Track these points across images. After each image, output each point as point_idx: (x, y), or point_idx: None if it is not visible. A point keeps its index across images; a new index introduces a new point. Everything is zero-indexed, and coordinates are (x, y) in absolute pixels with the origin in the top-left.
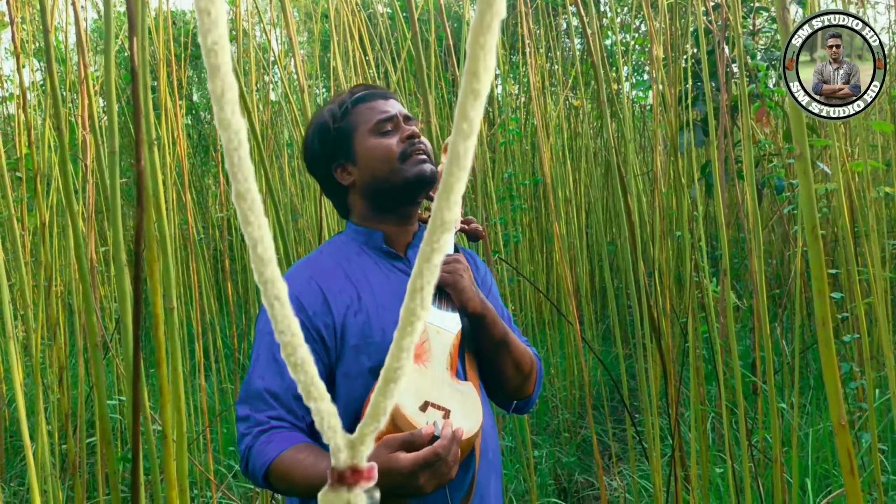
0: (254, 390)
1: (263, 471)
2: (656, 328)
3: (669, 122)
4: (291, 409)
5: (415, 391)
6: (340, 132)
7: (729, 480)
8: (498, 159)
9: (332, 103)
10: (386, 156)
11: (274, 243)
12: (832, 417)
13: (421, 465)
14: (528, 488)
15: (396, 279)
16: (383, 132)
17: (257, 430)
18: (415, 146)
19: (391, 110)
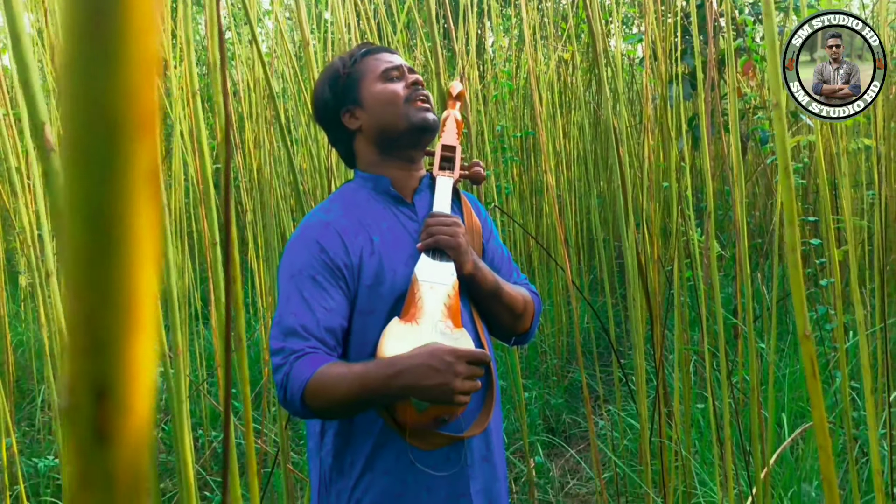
0: (286, 326)
1: (301, 391)
2: (643, 275)
3: (659, 76)
4: (324, 340)
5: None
6: (350, 78)
7: (710, 416)
8: (489, 111)
9: (341, 56)
10: (392, 99)
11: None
12: (798, 328)
13: (468, 357)
14: (518, 427)
15: (404, 223)
16: (390, 78)
17: (293, 357)
18: (419, 92)
19: (396, 61)
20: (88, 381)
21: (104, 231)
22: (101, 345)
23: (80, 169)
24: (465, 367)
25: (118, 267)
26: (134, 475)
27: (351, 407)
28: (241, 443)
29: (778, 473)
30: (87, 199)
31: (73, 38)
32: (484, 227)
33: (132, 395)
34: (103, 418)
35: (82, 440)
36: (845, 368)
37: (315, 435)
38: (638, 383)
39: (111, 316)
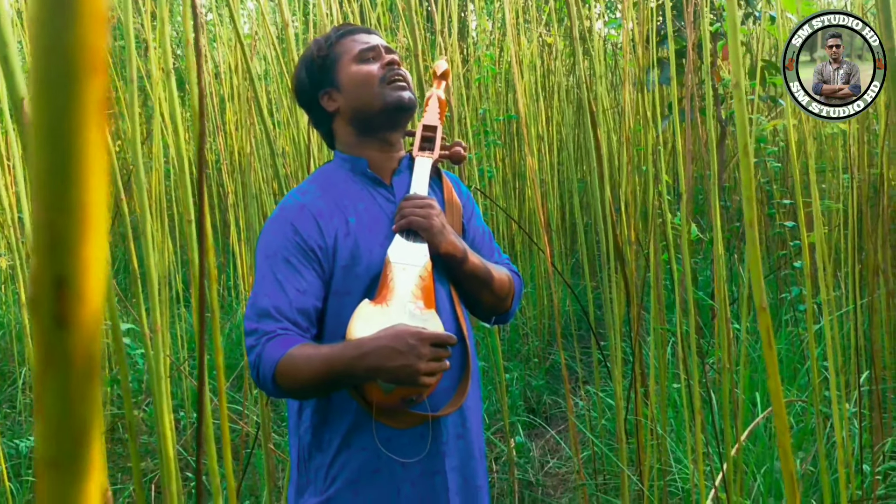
0: (260, 307)
1: (272, 372)
2: (621, 256)
3: (637, 59)
4: (297, 321)
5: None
6: (325, 61)
7: (684, 396)
8: (473, 95)
9: (318, 38)
10: (367, 80)
11: (267, 172)
12: (755, 301)
13: (433, 339)
14: (499, 408)
15: (381, 204)
16: (365, 59)
17: (265, 338)
18: (394, 72)
19: (373, 41)
20: (49, 274)
21: (63, 148)
22: (59, 243)
23: (44, 101)
24: (428, 349)
25: (74, 177)
26: (88, 355)
27: (319, 387)
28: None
29: (752, 451)
30: (49, 125)
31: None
32: (465, 206)
33: (86, 286)
34: (62, 306)
35: (44, 326)
36: (814, 348)
37: (294, 413)
38: (613, 361)
39: (68, 218)
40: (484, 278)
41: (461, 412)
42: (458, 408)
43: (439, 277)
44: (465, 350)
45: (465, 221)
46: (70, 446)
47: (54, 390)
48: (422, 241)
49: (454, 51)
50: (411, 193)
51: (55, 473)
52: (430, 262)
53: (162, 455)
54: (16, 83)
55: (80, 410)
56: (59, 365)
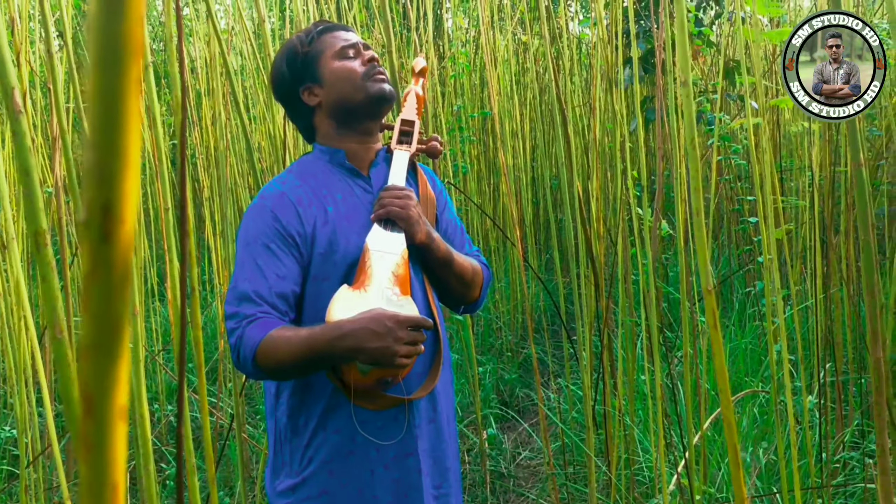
0: (240, 291)
1: (252, 354)
2: (590, 251)
3: (605, 58)
4: (276, 305)
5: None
6: (308, 56)
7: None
8: (448, 92)
9: (298, 34)
10: (350, 75)
11: (242, 166)
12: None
13: (409, 322)
14: (472, 401)
15: (359, 194)
16: (347, 56)
17: (246, 321)
18: (375, 68)
19: (352, 39)
20: (98, 200)
21: (113, 109)
22: (107, 177)
23: (100, 76)
24: (405, 332)
25: (119, 130)
26: (125, 263)
27: (299, 368)
28: (196, 416)
29: (716, 441)
30: (103, 92)
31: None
32: (438, 198)
33: (125, 210)
34: (107, 225)
35: (93, 240)
36: (772, 340)
37: (271, 395)
38: (580, 353)
39: (114, 159)
40: (455, 268)
41: (432, 397)
42: (430, 392)
43: (413, 267)
44: (437, 336)
45: (438, 213)
46: (110, 333)
47: (99, 290)
48: (399, 231)
49: (429, 47)
50: (390, 184)
51: (97, 354)
52: (406, 250)
53: (138, 447)
54: (7, 73)
55: (117, 306)
56: (104, 270)
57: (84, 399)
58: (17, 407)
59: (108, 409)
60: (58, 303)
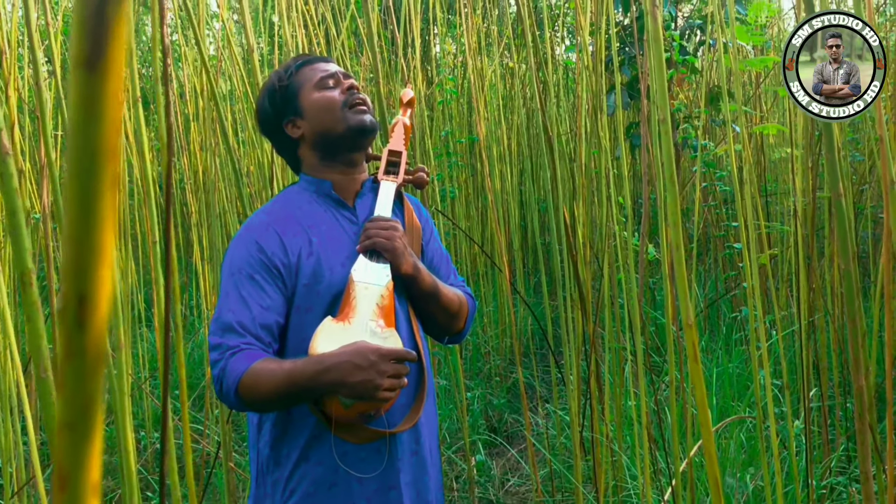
0: (224, 322)
1: (235, 386)
2: (577, 276)
3: (590, 87)
4: (259, 336)
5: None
6: (287, 90)
7: (635, 413)
8: (436, 117)
9: (277, 70)
10: (330, 105)
11: (231, 191)
12: (683, 320)
13: (393, 356)
14: (460, 427)
15: (344, 225)
16: (326, 87)
17: (229, 353)
18: (355, 96)
19: (331, 69)
20: (74, 292)
21: (87, 206)
22: (82, 271)
23: (77, 176)
24: (389, 365)
25: (93, 227)
26: (98, 349)
27: (282, 401)
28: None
29: (704, 467)
30: (80, 191)
31: (76, 110)
32: (425, 228)
33: (99, 301)
34: (81, 314)
35: (69, 328)
36: (756, 366)
37: (254, 426)
38: (568, 379)
39: (89, 254)
40: (440, 300)
41: (415, 429)
42: (414, 424)
43: (398, 298)
44: (421, 368)
45: (424, 243)
46: (83, 413)
47: (73, 373)
48: (384, 262)
49: (416, 73)
50: (376, 216)
51: (71, 433)
52: (391, 282)
53: (124, 475)
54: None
55: (91, 388)
56: (78, 355)
57: (58, 476)
58: (2, 436)
59: (81, 486)
60: (42, 342)
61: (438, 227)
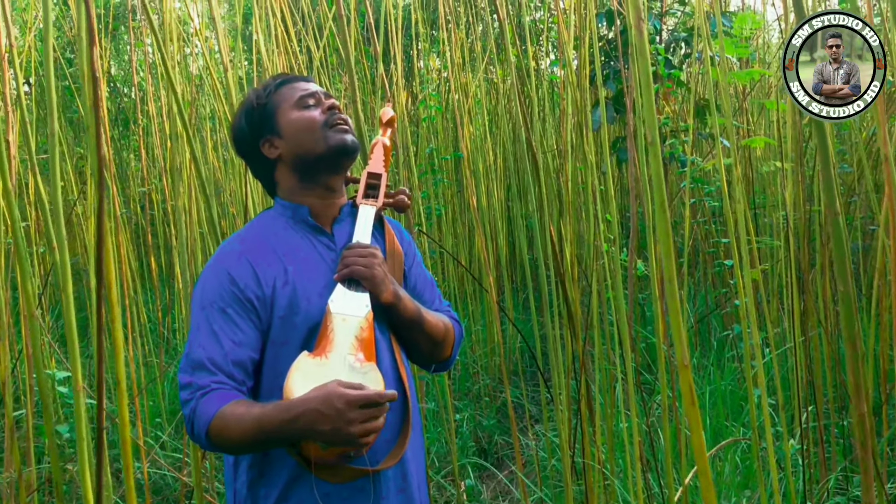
0: (194, 359)
1: (205, 429)
2: (565, 295)
3: (575, 102)
4: (232, 374)
5: (310, 386)
6: (265, 109)
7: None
8: (421, 133)
9: (256, 88)
10: (309, 125)
11: (201, 215)
12: (677, 360)
13: (361, 402)
14: (449, 450)
15: (321, 252)
16: (306, 106)
17: (199, 393)
18: (336, 116)
19: (311, 88)
20: None
21: None
22: None
23: None
24: (357, 413)
25: None
26: None
27: (253, 446)
28: (165, 474)
29: (699, 492)
30: None
31: None
32: (407, 253)
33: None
34: None
35: None
36: (752, 386)
37: (230, 465)
38: (557, 404)
39: None
40: (425, 327)
41: (402, 465)
42: (399, 460)
43: (380, 327)
44: (405, 402)
45: (406, 269)
46: None
47: None
48: (364, 291)
49: (399, 90)
50: (354, 242)
51: None
52: (371, 312)
53: None
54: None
55: None
56: None
57: None
58: None
59: None
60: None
61: (424, 248)
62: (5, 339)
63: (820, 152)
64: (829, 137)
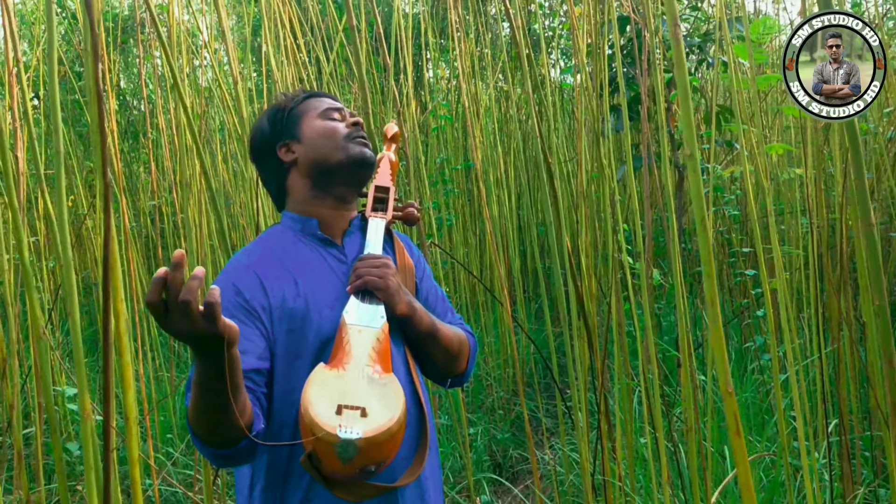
0: None
1: (189, 425)
2: (583, 307)
3: (590, 109)
4: None
5: (330, 397)
6: (291, 113)
7: (648, 452)
8: (431, 143)
9: (285, 93)
10: (332, 134)
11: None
12: (721, 387)
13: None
14: (464, 465)
15: (332, 265)
16: (331, 117)
17: None
18: (359, 131)
19: (337, 104)
20: None
21: None
22: None
23: None
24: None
25: None
26: None
27: (212, 403)
28: (177, 491)
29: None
30: None
31: None
32: (417, 266)
33: None
34: None
35: None
36: (781, 401)
37: (244, 490)
38: (576, 419)
39: None
40: (440, 340)
41: (419, 483)
42: (417, 478)
43: (395, 340)
44: (421, 417)
45: (417, 281)
46: None
47: None
48: (378, 303)
49: (409, 100)
50: (366, 253)
51: None
52: (386, 323)
53: None
54: None
55: None
56: None
57: None
58: None
59: None
60: None
61: (436, 257)
62: (14, 357)
63: (853, 162)
64: (860, 147)
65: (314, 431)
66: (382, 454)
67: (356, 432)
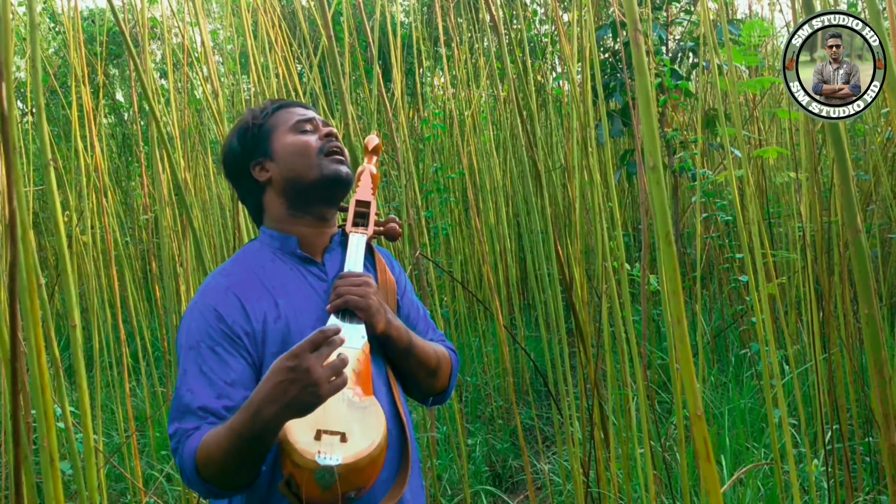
0: (184, 405)
1: (194, 466)
2: (575, 316)
3: (579, 117)
4: (225, 419)
5: (308, 423)
6: (260, 130)
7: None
8: (426, 152)
9: (252, 109)
10: (305, 150)
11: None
12: (689, 410)
13: (309, 347)
14: (462, 476)
15: (312, 283)
16: (302, 130)
17: (185, 437)
18: (332, 143)
19: (309, 114)
20: None
21: None
22: None
23: None
24: (312, 358)
25: None
26: None
27: (239, 463)
28: None
29: None
30: None
31: None
32: (398, 282)
33: None
34: None
35: None
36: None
37: None
38: (567, 432)
39: None
40: (422, 358)
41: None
42: (398, 501)
43: (375, 360)
44: (403, 439)
45: (398, 298)
46: None
47: None
48: (358, 322)
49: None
50: (346, 271)
51: None
52: (367, 344)
53: None
54: None
55: None
56: None
57: None
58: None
59: None
60: None
61: (430, 273)
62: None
63: (838, 166)
64: (845, 150)
65: (293, 458)
66: (362, 480)
67: (336, 458)
